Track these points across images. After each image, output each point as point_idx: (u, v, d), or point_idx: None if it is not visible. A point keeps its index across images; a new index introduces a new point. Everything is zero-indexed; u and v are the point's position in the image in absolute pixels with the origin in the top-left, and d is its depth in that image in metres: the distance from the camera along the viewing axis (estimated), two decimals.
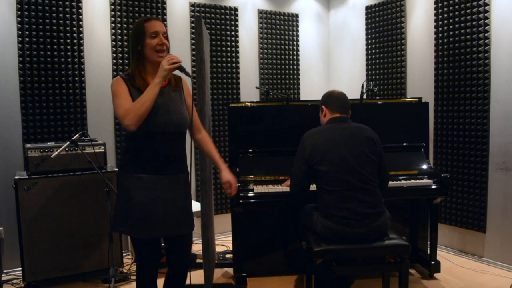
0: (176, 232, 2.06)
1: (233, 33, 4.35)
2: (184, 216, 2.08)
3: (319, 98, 2.76)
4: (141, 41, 1.98)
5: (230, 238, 3.36)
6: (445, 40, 3.69)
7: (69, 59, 3.54)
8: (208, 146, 2.23)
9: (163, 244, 2.27)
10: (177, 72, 2.02)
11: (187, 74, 1.98)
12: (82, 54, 3.60)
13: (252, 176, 3.10)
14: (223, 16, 4.30)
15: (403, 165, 3.20)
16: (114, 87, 1.99)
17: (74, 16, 3.55)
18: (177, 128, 2.03)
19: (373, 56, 4.41)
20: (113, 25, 3.76)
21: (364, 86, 3.40)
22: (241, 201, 2.92)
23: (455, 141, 3.65)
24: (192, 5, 4.14)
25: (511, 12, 3.24)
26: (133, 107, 1.89)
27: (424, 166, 3.23)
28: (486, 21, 3.38)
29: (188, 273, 2.27)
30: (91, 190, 3.18)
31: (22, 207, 2.99)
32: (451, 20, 3.64)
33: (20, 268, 3.08)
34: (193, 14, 4.14)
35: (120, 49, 3.78)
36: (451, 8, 3.63)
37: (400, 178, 3.11)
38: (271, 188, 2.96)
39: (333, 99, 2.64)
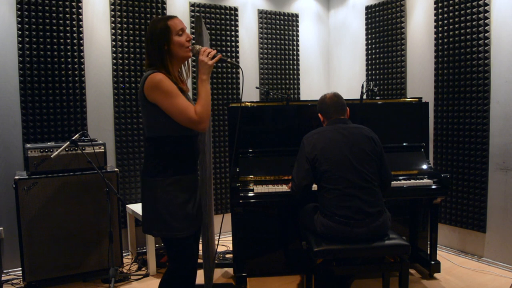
0: (201, 223, 2.16)
1: (233, 33, 4.35)
2: (200, 210, 2.18)
3: (319, 98, 2.77)
4: (168, 40, 1.93)
5: (230, 238, 3.36)
6: (445, 40, 3.69)
7: (69, 59, 3.54)
8: None
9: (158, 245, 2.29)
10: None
11: (231, 64, 2.01)
12: (82, 54, 3.60)
13: (252, 176, 3.10)
14: (223, 16, 4.30)
15: (403, 165, 3.20)
16: (165, 85, 1.85)
17: (74, 16, 3.55)
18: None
19: (373, 56, 4.41)
20: (113, 25, 3.76)
21: (364, 86, 3.40)
22: (241, 201, 2.92)
23: (455, 141, 3.65)
24: (192, 5, 4.14)
25: (511, 12, 3.24)
26: (204, 109, 1.87)
27: (424, 166, 3.23)
28: (486, 21, 3.38)
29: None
30: (91, 190, 3.19)
31: (22, 207, 2.99)
32: (451, 20, 3.64)
33: (20, 268, 3.08)
34: (193, 14, 4.14)
35: (120, 49, 3.78)
36: (451, 8, 3.63)
37: (400, 178, 3.11)
38: (271, 188, 2.96)
39: (326, 105, 2.65)
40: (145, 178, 2.01)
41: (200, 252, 2.72)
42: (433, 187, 3.05)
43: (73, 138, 3.03)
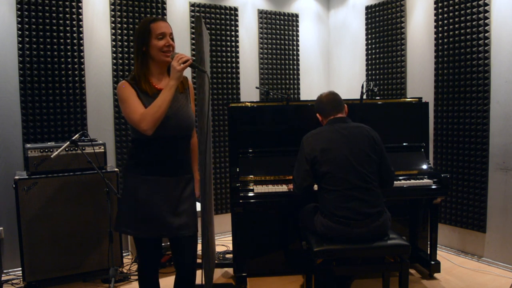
0: (178, 233, 2.04)
1: (233, 33, 4.35)
2: (188, 217, 2.07)
3: (316, 98, 2.76)
4: (147, 42, 1.95)
5: (230, 238, 3.36)
6: (445, 40, 3.69)
7: (69, 59, 3.54)
8: (194, 154, 2.26)
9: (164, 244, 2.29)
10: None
11: (200, 70, 1.96)
12: (82, 54, 3.60)
13: (252, 176, 3.10)
14: (223, 16, 4.30)
15: (403, 165, 3.20)
16: (121, 92, 1.94)
17: (74, 16, 3.55)
18: (185, 131, 2.04)
19: (373, 56, 4.41)
20: (113, 25, 3.76)
21: (364, 86, 3.40)
22: (241, 201, 2.92)
23: (455, 141, 3.65)
24: (192, 5, 4.14)
25: (511, 12, 3.24)
26: (149, 111, 1.86)
27: (424, 166, 3.23)
28: (486, 21, 3.38)
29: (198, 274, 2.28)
30: (91, 190, 3.18)
31: (22, 207, 2.99)
32: (451, 20, 3.64)
33: (20, 268, 3.08)
34: (193, 14, 4.14)
35: (120, 49, 3.78)
36: (451, 8, 3.63)
37: (400, 178, 3.11)
38: (271, 188, 2.96)
39: (323, 104, 2.65)
40: (122, 174, 2.16)
41: (200, 252, 2.72)
42: (433, 187, 3.05)
43: (73, 138, 3.02)
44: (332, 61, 5.01)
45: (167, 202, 2.00)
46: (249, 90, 4.43)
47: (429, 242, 3.26)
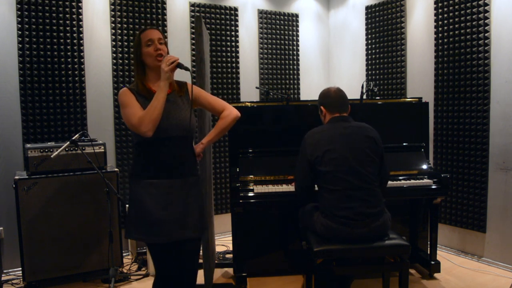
0: (188, 235, 2.05)
1: (233, 33, 4.35)
2: (197, 218, 2.09)
3: (322, 91, 2.75)
4: (139, 51, 2.06)
5: (230, 238, 3.36)
6: (445, 40, 3.69)
7: (69, 59, 3.54)
8: (220, 123, 2.37)
9: None
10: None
11: (185, 69, 2.03)
12: (82, 54, 3.60)
13: (252, 176, 3.10)
14: (223, 16, 4.30)
15: (403, 165, 3.20)
16: (121, 97, 2.01)
17: (74, 16, 3.55)
18: (182, 131, 2.06)
19: (373, 56, 4.41)
20: (113, 25, 3.76)
21: (364, 86, 3.40)
22: (241, 201, 2.92)
23: (455, 141, 3.65)
24: (192, 5, 4.14)
25: (511, 12, 3.24)
26: (146, 113, 1.93)
27: (424, 166, 3.23)
28: (486, 21, 3.38)
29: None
30: (91, 190, 3.18)
31: (22, 207, 2.99)
32: (451, 20, 3.64)
33: (20, 268, 3.07)
34: (193, 14, 4.14)
35: (120, 49, 3.78)
36: (451, 8, 3.63)
37: (400, 178, 3.11)
38: (271, 188, 2.96)
39: (331, 98, 2.62)
40: (129, 181, 2.13)
41: (200, 252, 2.72)
42: (433, 187, 3.05)
43: (73, 138, 3.03)
44: (332, 61, 5.02)
45: (175, 205, 2.01)
46: (249, 90, 4.44)
47: (429, 242, 3.26)
